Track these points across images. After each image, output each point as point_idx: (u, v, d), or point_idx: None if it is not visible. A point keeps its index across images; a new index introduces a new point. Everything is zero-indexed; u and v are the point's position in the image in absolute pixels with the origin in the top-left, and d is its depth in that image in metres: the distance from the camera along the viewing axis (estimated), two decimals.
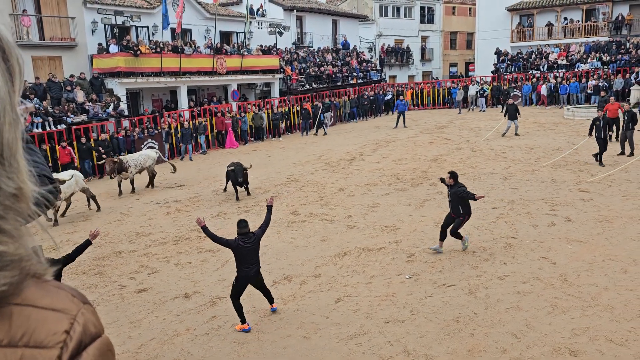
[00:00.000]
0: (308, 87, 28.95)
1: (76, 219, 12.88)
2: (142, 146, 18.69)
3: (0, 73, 0.72)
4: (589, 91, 27.39)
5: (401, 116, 24.94)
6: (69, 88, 19.17)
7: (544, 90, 28.77)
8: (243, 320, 6.79)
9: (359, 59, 34.55)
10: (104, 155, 16.40)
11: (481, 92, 29.85)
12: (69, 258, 6.14)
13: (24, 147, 0.78)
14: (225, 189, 14.30)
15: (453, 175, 8.67)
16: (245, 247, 6.65)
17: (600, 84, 26.57)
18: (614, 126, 16.79)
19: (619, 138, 15.84)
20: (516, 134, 20.17)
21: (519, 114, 20.34)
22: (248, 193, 13.81)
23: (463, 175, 14.45)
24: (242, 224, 6.81)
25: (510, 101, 20.99)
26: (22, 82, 0.77)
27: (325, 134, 24.68)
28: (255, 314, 7.28)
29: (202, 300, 7.82)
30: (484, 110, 29.05)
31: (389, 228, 10.46)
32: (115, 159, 14.81)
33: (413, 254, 9.01)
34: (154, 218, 12.43)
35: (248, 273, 6.72)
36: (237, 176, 13.16)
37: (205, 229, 6.75)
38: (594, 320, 6.44)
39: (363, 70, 33.68)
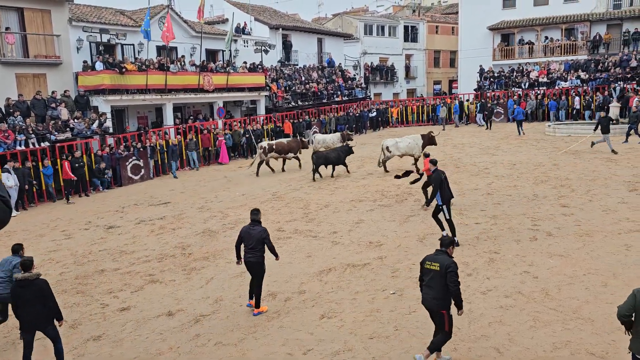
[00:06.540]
0: (294, 104, 29.13)
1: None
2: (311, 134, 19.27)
3: None
4: (576, 106, 28.22)
5: (520, 125, 25.07)
6: (53, 105, 19.05)
7: (528, 107, 29.39)
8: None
9: (344, 77, 34.91)
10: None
11: (480, 108, 30.29)
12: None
13: None
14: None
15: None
16: (249, 232, 7.65)
17: (584, 103, 27.46)
18: None
19: None
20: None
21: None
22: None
23: None
24: (254, 212, 7.87)
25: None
26: None
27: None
28: (238, 331, 7.25)
29: (185, 319, 7.76)
30: (483, 125, 29.49)
31: (374, 244, 10.50)
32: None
33: (397, 269, 9.05)
34: (138, 236, 12.33)
35: (246, 258, 7.67)
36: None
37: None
38: (575, 333, 6.52)
39: (348, 87, 34.00)
